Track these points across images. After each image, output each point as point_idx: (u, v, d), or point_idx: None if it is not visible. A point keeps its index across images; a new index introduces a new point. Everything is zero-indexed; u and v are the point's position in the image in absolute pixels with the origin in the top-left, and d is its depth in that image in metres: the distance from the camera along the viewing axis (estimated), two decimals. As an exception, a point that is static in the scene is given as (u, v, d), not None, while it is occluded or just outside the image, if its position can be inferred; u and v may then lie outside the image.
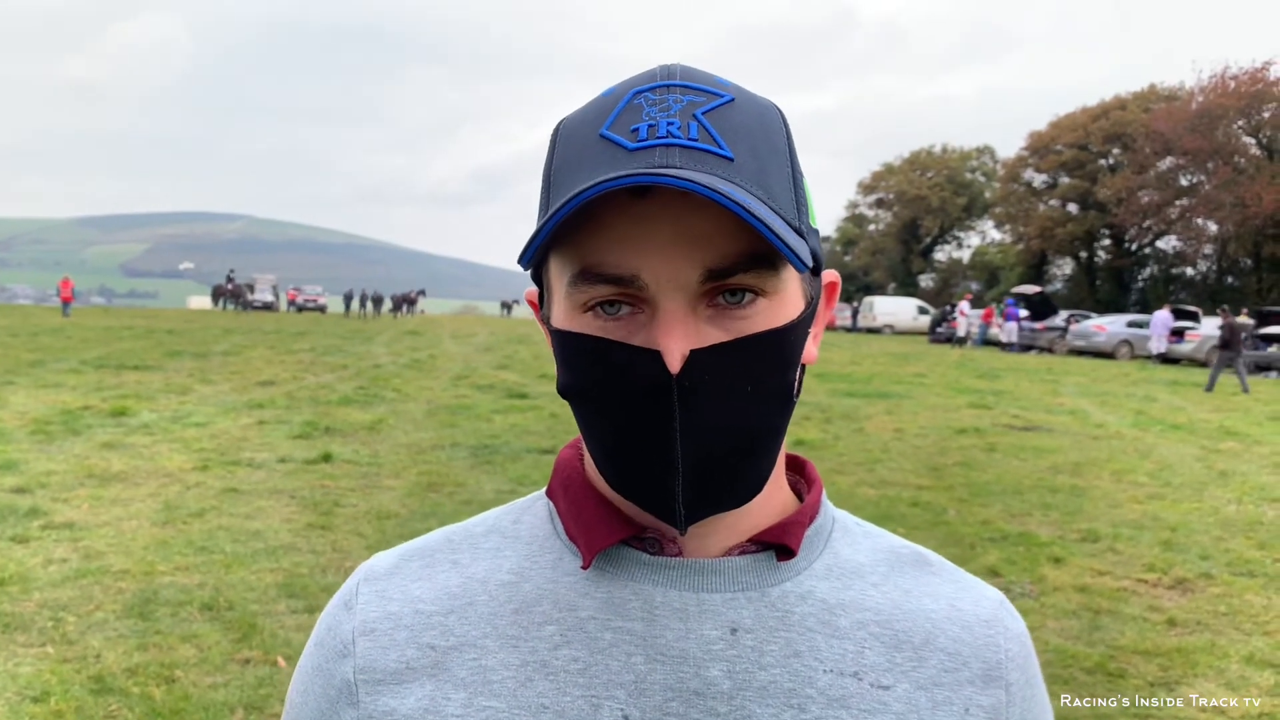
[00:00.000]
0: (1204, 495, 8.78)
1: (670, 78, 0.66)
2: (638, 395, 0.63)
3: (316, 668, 0.74)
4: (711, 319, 0.63)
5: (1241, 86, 46.13)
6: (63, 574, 5.52)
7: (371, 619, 0.72)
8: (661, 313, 0.62)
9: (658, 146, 0.62)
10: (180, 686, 4.13)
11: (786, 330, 0.65)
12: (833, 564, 0.74)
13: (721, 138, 0.63)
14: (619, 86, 0.67)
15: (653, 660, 0.67)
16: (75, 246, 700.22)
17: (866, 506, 7.85)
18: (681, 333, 0.62)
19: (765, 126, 0.67)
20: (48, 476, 7.95)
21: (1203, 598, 5.82)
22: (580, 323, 0.65)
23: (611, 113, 0.65)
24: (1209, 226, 48.36)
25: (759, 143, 0.65)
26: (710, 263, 0.61)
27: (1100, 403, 16.53)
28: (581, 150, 0.65)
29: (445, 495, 7.85)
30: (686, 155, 0.61)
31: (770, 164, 0.65)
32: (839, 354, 28.61)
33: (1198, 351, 29.15)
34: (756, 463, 0.67)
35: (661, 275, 0.61)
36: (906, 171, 72.35)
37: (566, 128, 0.68)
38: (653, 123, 0.63)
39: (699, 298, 0.63)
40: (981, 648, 0.73)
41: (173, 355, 20.20)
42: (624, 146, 0.62)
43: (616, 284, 0.62)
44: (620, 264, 0.62)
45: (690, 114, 0.63)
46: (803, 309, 0.68)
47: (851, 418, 13.51)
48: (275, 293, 61.67)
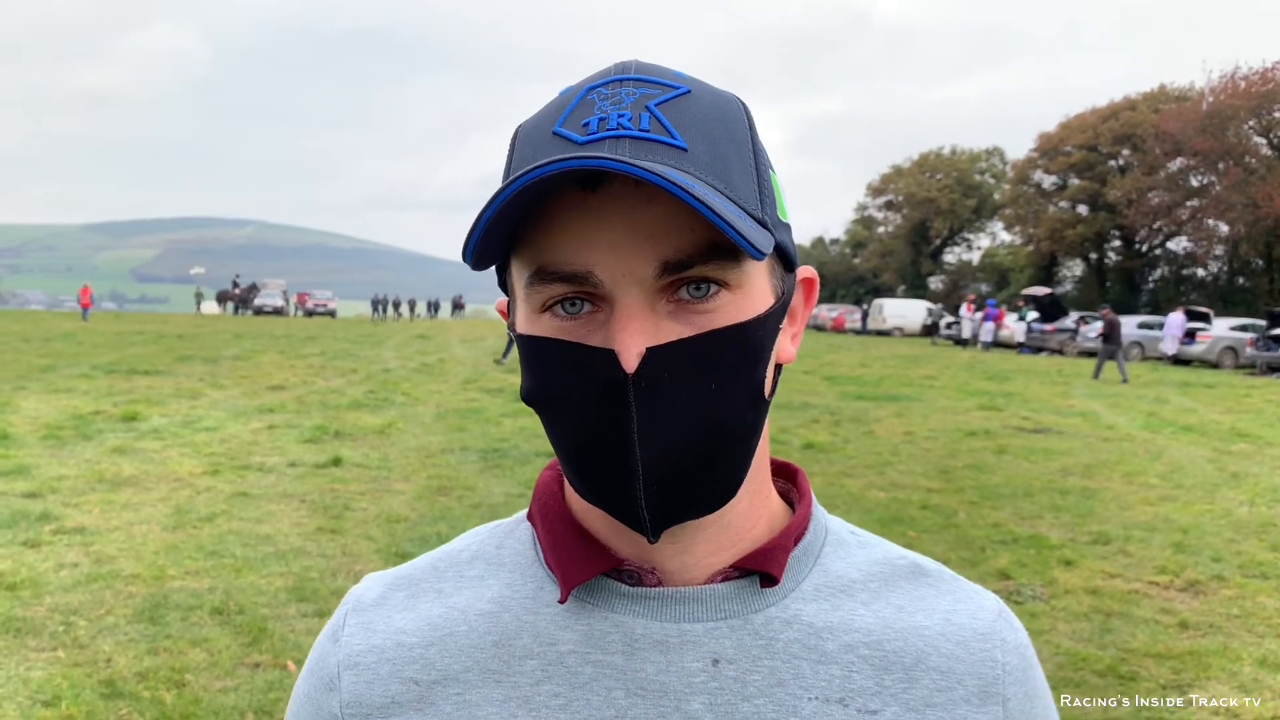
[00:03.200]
0: (1216, 497, 8.73)
1: (625, 73, 0.64)
2: (595, 397, 0.61)
3: (308, 695, 0.74)
4: (673, 314, 0.61)
5: (1252, 87, 45.92)
6: (74, 578, 5.54)
7: (356, 652, 0.72)
8: (617, 309, 0.60)
9: (607, 139, 0.60)
10: (190, 691, 4.14)
11: (753, 324, 0.63)
12: (822, 583, 0.72)
13: (675, 128, 0.61)
14: (575, 85, 0.65)
15: (633, 695, 0.66)
16: (86, 252, 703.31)
17: (876, 509, 7.83)
18: (638, 329, 0.59)
19: (725, 117, 0.64)
20: (59, 481, 7.97)
21: (1215, 600, 5.79)
22: (539, 325, 0.64)
23: (565, 110, 0.63)
24: (1220, 227, 48.14)
25: (717, 133, 0.63)
26: (665, 255, 0.59)
27: (1111, 404, 16.47)
28: (536, 149, 0.63)
29: (455, 499, 7.85)
30: (638, 146, 0.60)
31: (729, 154, 0.63)
32: (848, 356, 28.57)
33: (1209, 352, 29.04)
34: (727, 465, 0.64)
35: (615, 271, 0.60)
36: (915, 174, 72.24)
37: (524, 129, 0.67)
38: (604, 115, 0.61)
39: (657, 292, 0.61)
40: (977, 664, 0.70)
41: (183, 360, 20.28)
42: (574, 140, 0.61)
43: (571, 281, 0.61)
44: (573, 261, 0.60)
45: (643, 105, 0.61)
46: (772, 303, 0.65)
47: (861, 420, 13.49)
48: (285, 297, 61.89)
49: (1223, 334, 29.70)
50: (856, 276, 75.53)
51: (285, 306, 60.47)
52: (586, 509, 0.70)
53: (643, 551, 0.69)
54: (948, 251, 73.71)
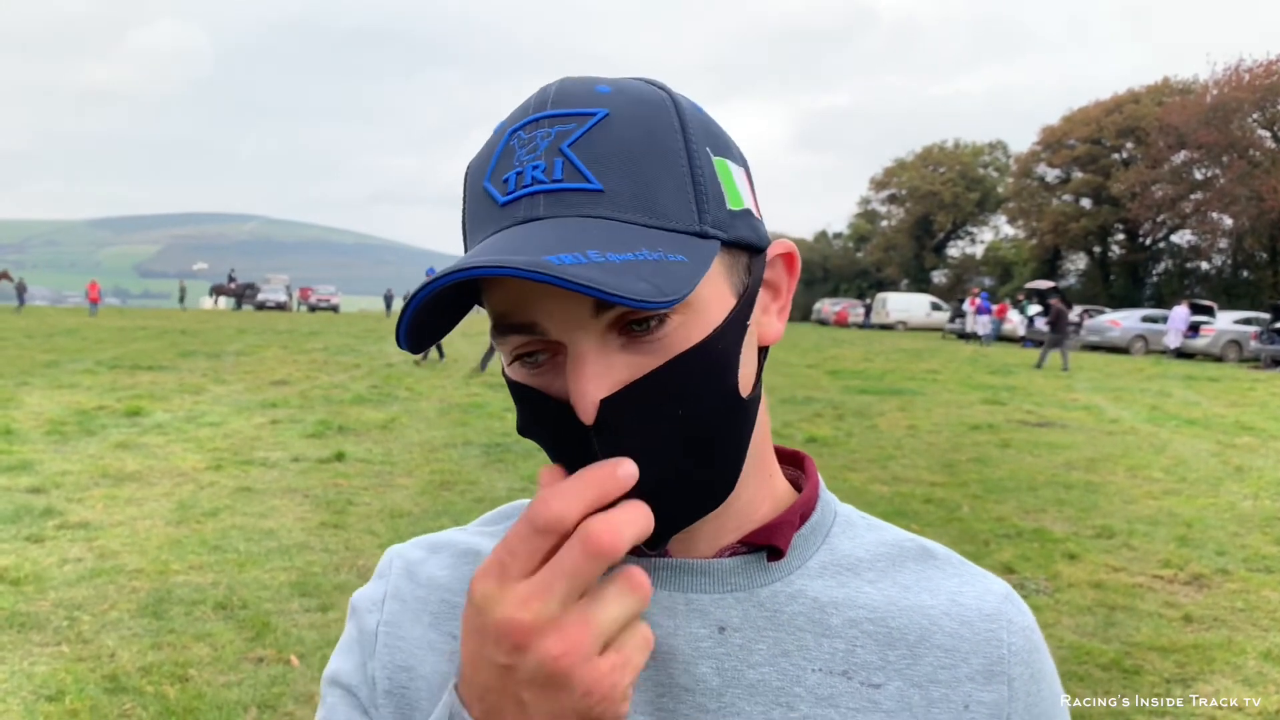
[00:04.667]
0: (1220, 490, 8.72)
1: (542, 108, 0.64)
2: (566, 442, 0.63)
3: (354, 609, 0.80)
4: (625, 347, 0.62)
5: (1256, 79, 45.78)
6: (77, 573, 5.55)
7: (401, 589, 0.78)
8: (571, 356, 0.61)
9: (523, 198, 0.62)
10: (194, 685, 4.14)
11: (710, 340, 0.63)
12: (828, 560, 0.74)
13: (590, 169, 0.61)
14: (504, 122, 0.67)
15: None
16: (89, 248, 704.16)
17: (880, 503, 7.83)
18: (592, 373, 0.60)
19: (647, 131, 0.63)
20: (63, 476, 7.99)
21: (1219, 594, 5.78)
22: (513, 370, 0.67)
23: (491, 158, 0.65)
24: (1224, 220, 48.03)
25: (638, 155, 0.62)
26: (591, 301, 0.60)
27: (1115, 398, 16.45)
28: (475, 202, 0.66)
29: (458, 493, 7.86)
30: (552, 201, 0.61)
31: (654, 174, 0.62)
32: (852, 350, 28.56)
33: (1213, 346, 29.01)
34: (714, 471, 0.65)
35: (556, 319, 0.61)
36: (919, 167, 72.13)
37: (470, 172, 0.68)
38: (519, 170, 0.63)
39: (604, 331, 0.61)
40: (982, 643, 0.72)
41: (186, 355, 20.31)
42: (497, 202, 0.63)
43: (523, 332, 0.63)
44: (519, 314, 0.62)
45: (556, 149, 0.62)
46: (732, 306, 0.65)
47: (864, 414, 13.48)
48: (288, 292, 61.94)
49: (1227, 327, 29.66)
50: (860, 270, 75.45)
51: (288, 302, 60.53)
52: None
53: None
54: (951, 245, 73.61)
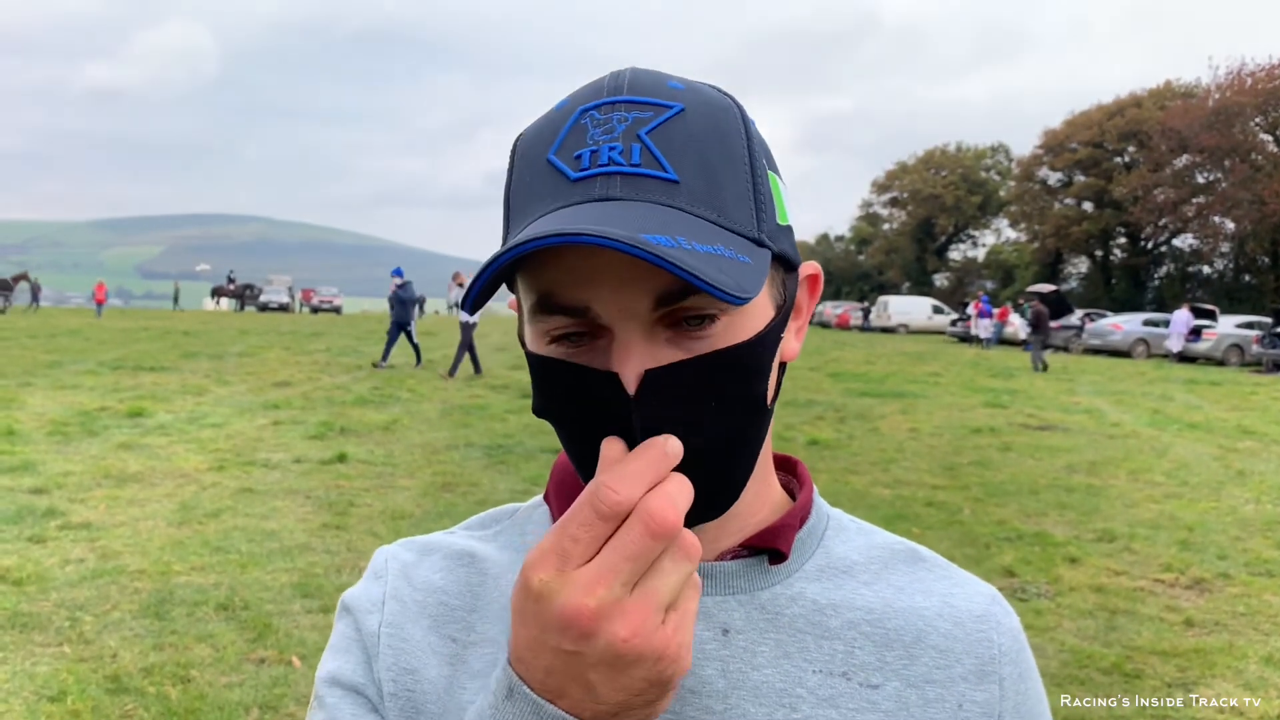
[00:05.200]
0: (1221, 494, 8.72)
1: (617, 92, 0.64)
2: (600, 418, 0.63)
3: (349, 609, 0.77)
4: (671, 340, 0.63)
5: (1258, 83, 45.77)
6: (79, 574, 5.56)
7: (399, 590, 0.77)
8: (617, 341, 0.62)
9: (599, 176, 0.61)
10: (196, 686, 4.15)
11: (751, 344, 0.64)
12: (825, 564, 0.75)
13: (666, 159, 0.62)
14: (569, 100, 0.66)
15: None
16: (92, 249, 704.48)
17: (881, 506, 7.83)
18: (637, 358, 0.61)
19: (719, 133, 0.65)
20: (65, 477, 8.00)
21: (1220, 598, 5.78)
22: (546, 348, 0.66)
23: (559, 133, 0.64)
24: (1226, 224, 47.99)
25: (711, 154, 0.64)
26: (658, 290, 0.61)
27: (1116, 402, 16.44)
28: (534, 175, 0.65)
29: (459, 495, 7.86)
30: (628, 184, 0.61)
31: (724, 175, 0.64)
32: (853, 353, 28.54)
33: (1215, 350, 28.99)
34: (730, 474, 0.67)
35: (612, 306, 0.61)
36: (921, 170, 72.11)
37: (523, 144, 0.68)
38: (595, 148, 0.62)
39: (655, 323, 0.62)
40: (974, 643, 0.73)
41: (189, 356, 20.31)
42: (567, 176, 0.62)
43: (571, 315, 0.63)
44: (573, 296, 0.62)
45: (634, 134, 0.62)
46: (772, 317, 0.67)
47: (866, 417, 13.48)
48: (291, 294, 61.98)
49: (1228, 331, 29.64)
50: (861, 273, 75.41)
51: (291, 303, 60.54)
52: None
53: None
54: (953, 248, 73.60)
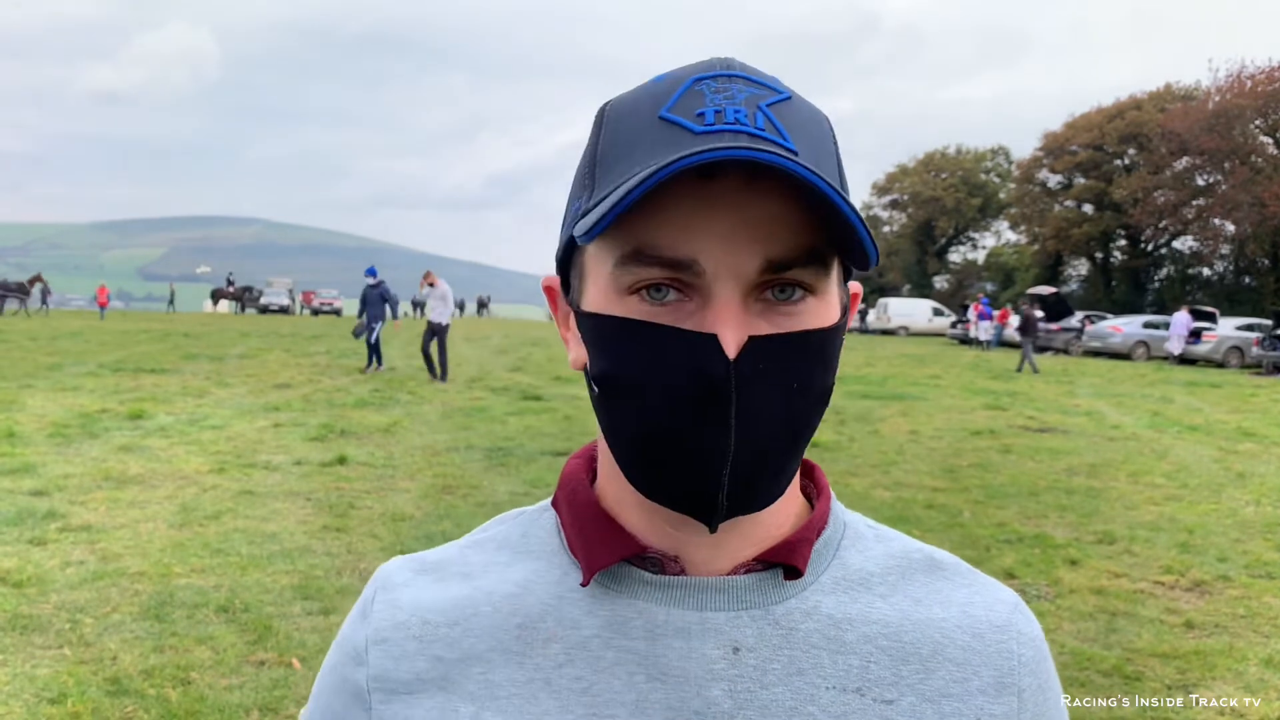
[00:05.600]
0: (1221, 497, 8.72)
1: (730, 69, 0.64)
2: (691, 381, 0.60)
3: (335, 667, 0.76)
4: (761, 313, 0.62)
5: (1258, 86, 45.80)
6: (80, 576, 5.56)
7: (384, 628, 0.74)
8: (716, 300, 0.60)
9: (726, 131, 0.59)
10: (196, 688, 4.14)
11: (832, 330, 0.65)
12: (840, 576, 0.73)
13: (787, 132, 0.62)
14: (674, 73, 0.65)
15: (654, 680, 0.67)
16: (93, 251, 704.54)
17: (881, 509, 7.83)
18: (736, 322, 0.60)
19: (821, 130, 0.66)
20: (65, 479, 7.99)
21: (1220, 600, 5.78)
22: (623, 306, 0.63)
23: (671, 97, 0.62)
24: (1226, 227, 48.00)
25: (817, 142, 0.64)
26: (771, 253, 0.60)
27: (1116, 404, 16.44)
28: (638, 132, 0.62)
29: (460, 497, 7.86)
30: (756, 143, 0.59)
31: (827, 165, 0.64)
32: (854, 356, 28.53)
33: (1215, 352, 28.99)
34: (787, 464, 0.66)
35: (721, 262, 0.60)
36: (921, 173, 72.13)
37: (615, 109, 0.66)
38: (719, 108, 0.61)
39: (752, 289, 0.61)
40: (993, 655, 0.71)
41: (189, 358, 20.31)
42: (689, 129, 0.60)
43: (672, 268, 0.60)
44: (679, 247, 0.60)
45: (755, 105, 0.62)
46: (840, 313, 0.67)
47: (866, 419, 13.48)
48: (291, 296, 62.03)
49: (1228, 333, 29.66)
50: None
51: (291, 305, 60.57)
52: (617, 498, 0.72)
53: (670, 541, 0.70)
54: (953, 251, 73.61)
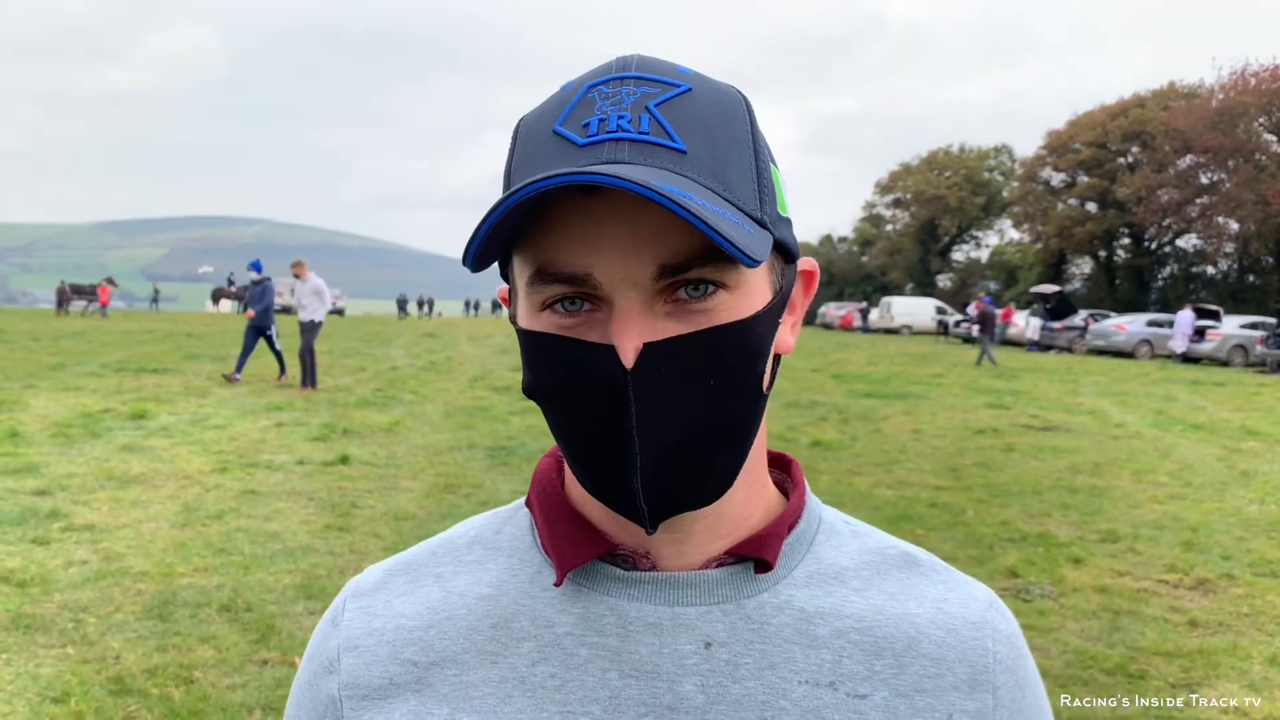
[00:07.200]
0: (1225, 495, 8.70)
1: (625, 69, 0.64)
2: (595, 391, 0.62)
3: (306, 683, 0.76)
4: (671, 314, 0.62)
5: (1262, 84, 45.71)
6: (83, 575, 5.56)
7: (356, 635, 0.73)
8: (616, 311, 0.61)
9: (607, 141, 0.60)
10: (199, 687, 4.15)
11: (750, 322, 0.63)
12: (814, 570, 0.73)
13: (674, 129, 0.61)
14: (576, 80, 0.66)
15: (626, 676, 0.68)
16: (95, 251, 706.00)
17: (884, 507, 7.82)
18: (636, 329, 0.60)
19: (725, 115, 0.65)
20: (68, 479, 8.00)
21: (1224, 598, 5.77)
22: (540, 321, 0.64)
23: (565, 108, 0.64)
24: (1230, 225, 47.92)
25: (717, 132, 0.63)
26: (663, 259, 0.60)
27: (1120, 402, 16.42)
28: (537, 147, 0.64)
29: (462, 496, 7.86)
30: (637, 149, 0.60)
31: (729, 154, 0.63)
32: (856, 354, 28.54)
33: (1219, 350, 28.96)
34: (724, 458, 0.65)
35: (614, 273, 0.60)
36: (924, 171, 72.08)
37: (525, 124, 0.67)
38: (603, 117, 0.61)
39: (655, 294, 0.61)
40: (967, 652, 0.71)
41: (192, 358, 20.35)
42: (574, 143, 0.61)
43: (570, 283, 0.61)
44: (573, 263, 0.61)
45: (643, 106, 0.62)
46: (770, 299, 0.66)
47: (869, 418, 13.47)
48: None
49: (1232, 332, 29.61)
50: (865, 274, 75.34)
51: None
52: (585, 496, 0.71)
53: (640, 538, 0.70)
54: (956, 249, 73.53)
